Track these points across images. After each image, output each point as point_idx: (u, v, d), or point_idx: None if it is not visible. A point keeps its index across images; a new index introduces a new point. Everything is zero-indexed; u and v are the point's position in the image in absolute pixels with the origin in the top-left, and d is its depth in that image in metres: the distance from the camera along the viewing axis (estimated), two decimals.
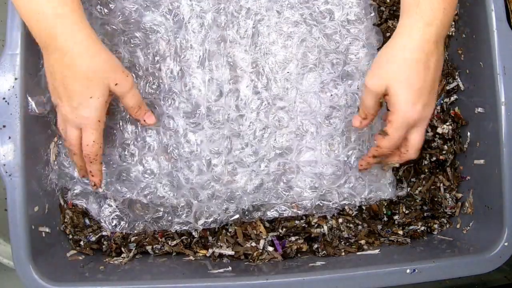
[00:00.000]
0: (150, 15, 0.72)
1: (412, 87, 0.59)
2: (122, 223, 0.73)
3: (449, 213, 0.79)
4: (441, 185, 0.80)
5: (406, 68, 0.59)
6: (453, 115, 0.79)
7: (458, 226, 0.77)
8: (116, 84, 0.61)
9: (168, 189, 0.72)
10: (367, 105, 0.64)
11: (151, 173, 0.72)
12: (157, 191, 0.72)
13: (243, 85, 0.73)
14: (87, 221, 0.75)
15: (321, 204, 0.75)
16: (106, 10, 0.72)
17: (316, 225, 0.76)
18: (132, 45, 0.72)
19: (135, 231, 0.74)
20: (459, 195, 0.78)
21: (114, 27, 0.72)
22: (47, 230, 0.68)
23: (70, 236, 0.73)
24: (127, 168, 0.72)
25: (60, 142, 0.71)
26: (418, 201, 0.80)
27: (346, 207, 0.77)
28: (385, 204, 0.79)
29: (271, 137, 0.74)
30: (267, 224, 0.76)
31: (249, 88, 0.73)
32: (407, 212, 0.79)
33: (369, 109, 0.64)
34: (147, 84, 0.72)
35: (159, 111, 0.72)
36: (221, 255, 0.74)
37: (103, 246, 0.75)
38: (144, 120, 0.67)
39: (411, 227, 0.78)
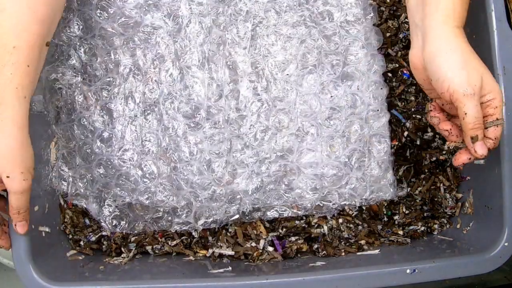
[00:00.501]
0: (149, 18, 0.72)
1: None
2: (122, 223, 0.73)
3: (449, 213, 0.79)
4: (441, 185, 0.80)
5: (477, 56, 0.60)
6: None
7: (458, 226, 0.77)
8: (7, 177, 0.57)
9: (168, 192, 0.72)
10: (479, 115, 0.58)
11: (151, 177, 0.72)
12: (157, 195, 0.72)
13: (243, 86, 0.73)
14: (87, 221, 0.75)
15: (321, 205, 0.75)
16: (106, 14, 0.72)
17: (316, 225, 0.76)
18: (132, 49, 0.72)
19: (135, 231, 0.74)
20: (459, 195, 0.78)
21: (113, 31, 0.72)
22: (47, 230, 0.68)
23: (70, 236, 0.74)
24: (126, 172, 0.72)
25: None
26: (418, 201, 0.79)
27: (346, 207, 0.77)
28: (385, 204, 0.79)
29: (272, 139, 0.74)
30: (267, 224, 0.76)
31: (249, 89, 0.73)
32: (407, 212, 0.79)
33: (481, 118, 0.58)
34: (147, 87, 0.72)
35: (158, 113, 0.72)
36: (221, 255, 0.74)
37: (103, 246, 0.75)
38: (15, 225, 0.61)
39: (411, 227, 0.78)
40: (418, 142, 0.80)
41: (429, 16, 0.62)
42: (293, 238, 0.75)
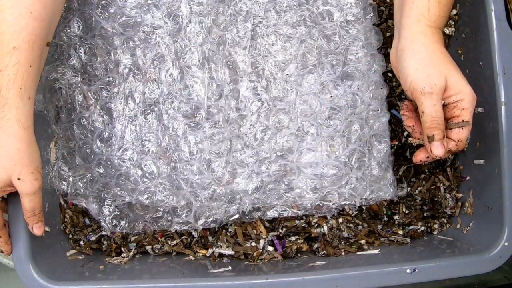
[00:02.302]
0: (149, 18, 0.72)
1: (459, 68, 0.61)
2: (122, 223, 0.73)
3: (449, 213, 0.79)
4: (441, 185, 0.80)
5: (448, 57, 0.61)
6: None
7: (458, 226, 0.77)
8: (18, 179, 0.57)
9: (168, 192, 0.72)
10: (437, 114, 0.58)
11: (150, 176, 0.72)
12: (156, 195, 0.72)
13: (243, 86, 0.73)
14: (87, 220, 0.75)
15: (321, 204, 0.75)
16: (106, 14, 0.72)
17: (316, 225, 0.76)
18: (132, 48, 0.72)
19: (135, 231, 0.74)
20: (459, 195, 0.78)
21: (113, 30, 0.72)
22: (47, 229, 0.68)
23: (70, 236, 0.74)
24: (126, 172, 0.72)
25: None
26: (418, 201, 0.80)
27: (346, 207, 0.77)
28: (385, 204, 0.79)
29: (272, 139, 0.74)
30: (267, 224, 0.76)
31: (249, 89, 0.73)
32: (407, 212, 0.79)
33: (440, 118, 0.59)
34: (147, 87, 0.72)
35: (158, 113, 0.72)
36: (221, 255, 0.74)
37: (103, 246, 0.75)
38: (32, 227, 0.61)
39: (411, 227, 0.78)
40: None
41: (405, 14, 0.62)
42: (293, 238, 0.75)
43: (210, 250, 0.74)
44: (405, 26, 0.62)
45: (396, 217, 0.79)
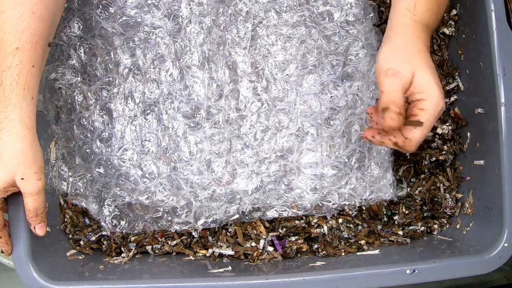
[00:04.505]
0: (149, 18, 0.72)
1: (435, 72, 0.59)
2: (122, 223, 0.73)
3: (449, 213, 0.79)
4: (441, 185, 0.79)
5: (425, 55, 0.59)
6: (453, 115, 0.79)
7: (458, 226, 0.77)
8: (22, 179, 0.58)
9: (168, 192, 0.72)
10: (396, 95, 0.56)
11: (150, 176, 0.72)
12: (156, 195, 0.72)
13: (243, 86, 0.73)
14: (87, 220, 0.75)
15: (321, 205, 0.75)
16: (106, 14, 0.72)
17: (316, 225, 0.76)
18: (132, 49, 0.72)
19: (135, 231, 0.74)
20: (459, 195, 0.78)
21: (113, 30, 0.72)
22: (47, 229, 0.68)
23: (70, 236, 0.74)
24: (126, 172, 0.72)
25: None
26: (418, 201, 0.79)
27: (346, 208, 0.77)
28: (385, 204, 0.79)
29: (272, 139, 0.74)
30: (267, 224, 0.76)
31: (249, 89, 0.73)
32: (407, 212, 0.79)
33: (399, 99, 0.55)
34: (146, 87, 0.72)
35: (158, 113, 0.72)
36: (221, 255, 0.74)
37: (103, 246, 0.75)
38: (34, 228, 0.61)
39: (411, 227, 0.78)
40: None
41: (393, 9, 0.63)
42: (293, 238, 0.75)
43: (210, 250, 0.74)
44: (392, 19, 0.62)
45: (396, 217, 0.79)
